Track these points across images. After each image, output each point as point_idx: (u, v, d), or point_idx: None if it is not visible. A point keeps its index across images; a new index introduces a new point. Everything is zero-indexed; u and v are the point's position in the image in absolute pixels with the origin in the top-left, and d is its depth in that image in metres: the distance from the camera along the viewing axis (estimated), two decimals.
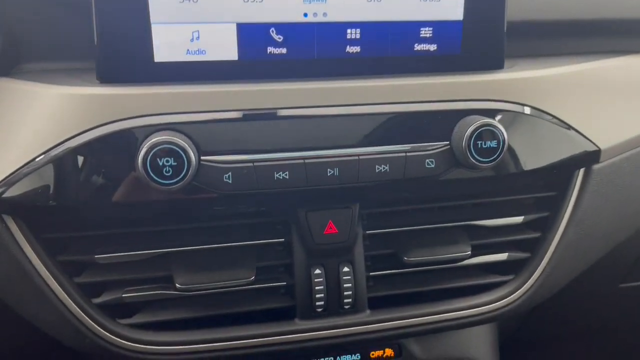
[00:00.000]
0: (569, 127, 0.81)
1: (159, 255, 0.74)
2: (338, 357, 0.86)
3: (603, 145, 0.84)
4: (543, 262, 0.84)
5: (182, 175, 0.66)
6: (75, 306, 0.71)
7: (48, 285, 0.71)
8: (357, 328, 0.78)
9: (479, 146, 0.73)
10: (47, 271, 0.71)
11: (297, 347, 0.77)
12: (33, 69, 0.77)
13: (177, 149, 0.65)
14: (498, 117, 0.75)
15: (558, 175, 0.84)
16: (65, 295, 0.71)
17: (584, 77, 0.86)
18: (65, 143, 0.66)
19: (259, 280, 0.76)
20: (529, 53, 0.93)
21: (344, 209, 0.76)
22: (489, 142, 0.73)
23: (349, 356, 0.86)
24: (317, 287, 0.76)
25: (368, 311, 0.79)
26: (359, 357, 0.86)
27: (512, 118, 0.78)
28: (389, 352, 0.88)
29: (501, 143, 0.73)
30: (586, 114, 0.84)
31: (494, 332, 0.97)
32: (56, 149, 0.66)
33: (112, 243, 0.74)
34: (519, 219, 0.84)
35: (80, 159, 0.67)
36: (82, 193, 0.67)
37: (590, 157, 0.84)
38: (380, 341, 0.86)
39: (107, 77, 0.69)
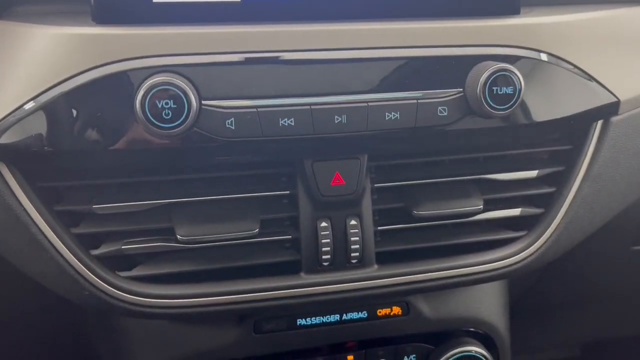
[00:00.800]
0: (588, 76, 0.78)
1: (159, 206, 0.71)
2: (344, 315, 0.84)
3: (622, 96, 0.80)
4: (557, 218, 0.81)
5: (182, 119, 0.63)
6: (73, 257, 0.69)
7: (45, 236, 0.68)
8: (364, 283, 0.76)
9: (494, 92, 0.69)
10: (43, 221, 0.68)
11: (302, 302, 0.75)
12: (26, 11, 0.74)
13: (176, 90, 0.62)
14: (514, 64, 0.72)
15: (574, 128, 0.81)
16: (63, 246, 0.69)
17: (603, 25, 0.82)
18: (60, 86, 0.63)
19: (263, 234, 0.74)
20: (545, 2, 0.89)
21: (351, 159, 0.73)
22: (504, 88, 0.70)
23: (355, 313, 0.84)
24: (323, 241, 0.74)
25: (376, 266, 0.76)
26: (366, 314, 0.84)
27: (528, 65, 0.74)
28: (396, 310, 0.86)
29: (517, 90, 0.70)
30: (605, 63, 0.80)
31: (504, 294, 0.95)
32: (50, 92, 0.63)
33: (111, 193, 0.71)
34: (533, 174, 0.81)
35: (76, 103, 0.64)
36: (78, 138, 0.64)
37: (609, 109, 0.80)
38: (388, 298, 0.84)
39: (102, 18, 0.65)
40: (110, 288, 0.70)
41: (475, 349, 0.87)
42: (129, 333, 0.82)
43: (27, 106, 0.64)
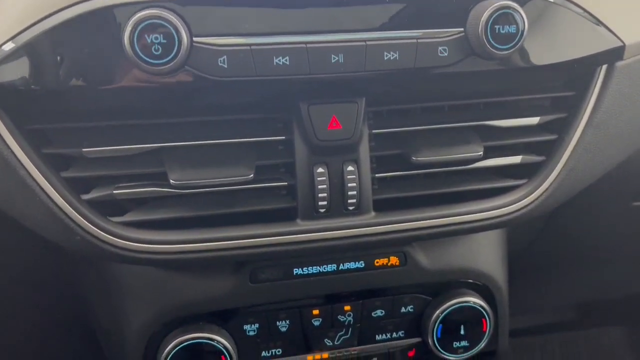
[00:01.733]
0: (595, 20, 0.75)
1: (151, 150, 0.69)
2: (341, 264, 0.83)
3: (628, 40, 0.78)
4: (558, 165, 0.80)
5: (172, 55, 0.60)
6: (63, 201, 0.67)
7: (34, 179, 0.66)
8: (361, 230, 0.74)
9: (496, 31, 0.67)
10: (32, 164, 0.66)
11: (299, 249, 0.74)
12: None
13: (166, 24, 0.60)
14: (519, 2, 0.69)
15: (578, 73, 0.78)
16: (53, 190, 0.67)
17: None
18: (41, 23, 0.61)
19: (258, 180, 0.72)
20: None
21: (348, 103, 0.71)
22: (507, 27, 0.67)
23: (352, 263, 0.83)
24: (319, 187, 0.72)
25: (373, 213, 0.75)
26: (363, 264, 0.83)
27: (534, 6, 0.71)
28: (393, 260, 0.84)
29: (520, 29, 0.67)
30: (611, 6, 0.78)
31: (503, 246, 0.94)
32: (35, 28, 0.61)
33: (101, 136, 0.69)
34: (534, 120, 0.79)
35: (61, 41, 0.62)
36: (65, 77, 0.62)
37: (614, 54, 0.78)
38: (385, 247, 0.82)
39: None
40: (102, 233, 0.69)
41: (474, 300, 0.87)
42: (121, 284, 0.81)
43: (7, 47, 0.61)
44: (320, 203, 0.73)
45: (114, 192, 0.69)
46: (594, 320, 2.00)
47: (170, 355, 0.79)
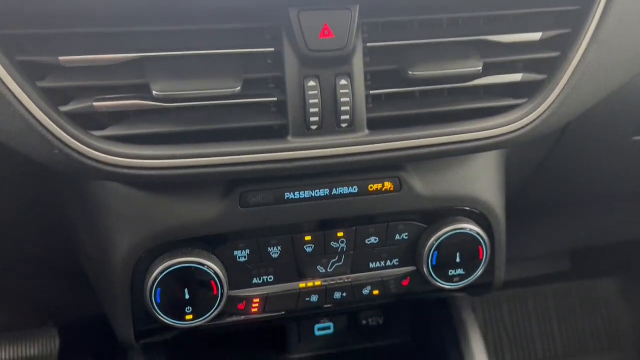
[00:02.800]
0: None
1: (133, 60, 0.66)
2: (334, 189, 0.80)
3: None
4: (560, 84, 0.76)
5: None
6: (40, 112, 0.64)
7: (8, 88, 0.63)
8: (354, 148, 0.71)
9: None
10: (6, 72, 0.62)
11: (290, 167, 0.71)
12: None
13: None
14: None
15: None
16: (29, 100, 0.63)
17: None
18: None
19: (246, 95, 0.69)
20: None
21: (341, 10, 0.67)
22: None
23: (345, 188, 0.80)
24: (310, 101, 0.69)
25: (366, 131, 0.72)
26: (356, 189, 0.81)
27: None
28: (388, 185, 0.82)
29: None
30: None
31: (501, 175, 0.91)
32: None
33: (79, 44, 0.65)
34: (536, 36, 0.76)
35: None
36: None
37: None
38: (379, 170, 0.79)
39: None
40: (82, 146, 0.65)
41: (470, 226, 0.85)
42: (106, 207, 0.78)
43: None
44: (311, 119, 0.70)
45: (94, 103, 0.66)
46: (587, 272, 2.01)
47: (157, 280, 0.77)
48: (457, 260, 0.86)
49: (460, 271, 0.86)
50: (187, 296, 0.78)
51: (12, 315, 1.32)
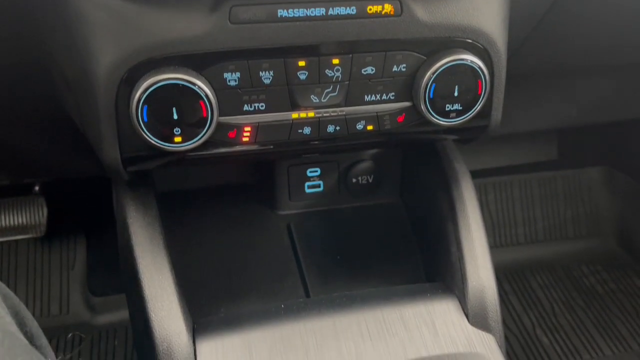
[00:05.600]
0: None
1: None
2: (330, 9, 0.75)
3: None
4: None
5: None
6: None
7: None
8: None
9: None
10: None
11: None
12: None
13: None
14: None
15: None
16: None
17: None
18: None
19: None
20: None
21: None
22: None
23: (343, 8, 0.76)
24: None
25: None
26: (354, 10, 0.76)
27: None
28: (388, 8, 0.77)
29: None
30: None
31: (506, 10, 0.86)
32: None
33: None
34: None
35: None
36: None
37: None
38: None
39: None
40: None
41: (471, 58, 0.81)
42: (87, 19, 0.73)
43: None
44: None
45: None
46: (573, 162, 2.02)
47: (144, 97, 0.73)
48: (455, 94, 0.83)
49: (457, 106, 0.84)
50: (175, 116, 0.75)
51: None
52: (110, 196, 1.01)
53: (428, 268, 1.06)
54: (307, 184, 1.15)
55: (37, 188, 1.58)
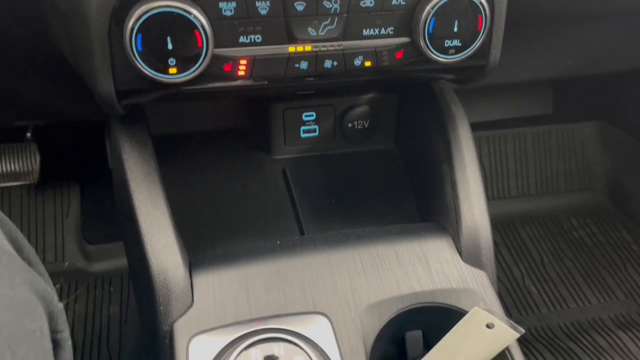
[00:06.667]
0: None
1: None
2: None
3: None
4: None
5: None
6: None
7: None
8: None
9: None
10: None
11: None
12: None
13: None
14: None
15: None
16: None
17: None
18: None
19: None
20: None
21: None
22: None
23: None
24: None
25: None
26: None
27: None
28: None
29: None
30: None
31: None
32: None
33: None
34: None
35: None
36: None
37: None
38: None
39: None
40: None
41: None
42: None
43: None
44: None
45: None
46: (567, 116, 2.02)
47: (138, 25, 0.71)
48: (455, 30, 0.82)
49: (457, 42, 0.83)
50: (170, 46, 0.74)
51: None
52: (103, 144, 1.00)
53: (422, 209, 1.07)
54: (302, 128, 1.14)
55: (29, 134, 1.56)
